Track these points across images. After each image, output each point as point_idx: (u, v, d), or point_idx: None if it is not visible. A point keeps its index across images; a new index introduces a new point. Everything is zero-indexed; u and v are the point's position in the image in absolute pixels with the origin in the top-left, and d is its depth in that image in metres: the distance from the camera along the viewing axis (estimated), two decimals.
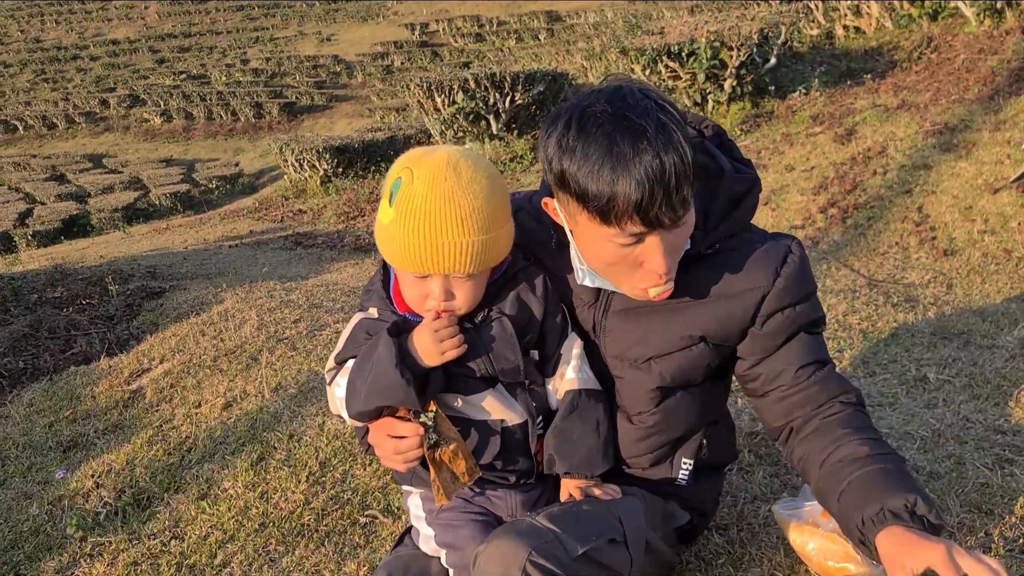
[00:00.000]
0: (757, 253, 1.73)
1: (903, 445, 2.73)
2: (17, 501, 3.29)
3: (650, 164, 1.42)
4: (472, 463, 1.69)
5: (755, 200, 1.77)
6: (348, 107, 29.98)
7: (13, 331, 5.97)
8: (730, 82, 9.38)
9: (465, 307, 1.65)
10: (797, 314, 1.75)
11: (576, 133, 1.48)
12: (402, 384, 1.57)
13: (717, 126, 1.85)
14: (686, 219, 1.54)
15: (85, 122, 31.78)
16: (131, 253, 9.82)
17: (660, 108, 1.48)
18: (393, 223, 1.55)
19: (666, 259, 1.55)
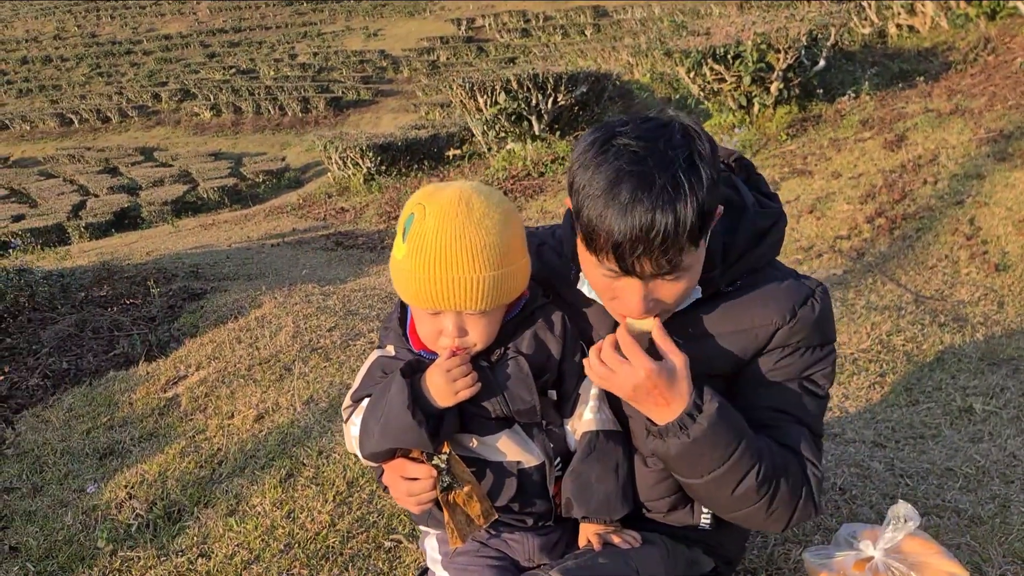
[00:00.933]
0: (778, 290, 1.67)
1: (944, 483, 2.64)
2: (53, 509, 3.34)
3: (641, 217, 1.39)
4: (487, 505, 1.66)
5: (779, 236, 1.71)
6: (393, 102, 30.15)
7: (59, 331, 6.09)
8: (776, 85, 9.20)
9: (479, 344, 1.62)
10: (802, 359, 1.67)
11: (595, 154, 1.47)
12: (414, 426, 1.54)
13: (745, 159, 1.80)
14: (680, 274, 1.50)
15: (138, 116, 32.42)
16: (176, 250, 9.97)
17: (688, 161, 1.42)
18: (406, 259, 1.54)
19: (643, 303, 1.53)
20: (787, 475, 1.62)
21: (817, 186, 7.42)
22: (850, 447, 2.96)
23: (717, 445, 1.55)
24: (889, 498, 2.56)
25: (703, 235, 1.47)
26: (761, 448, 1.61)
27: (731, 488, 1.59)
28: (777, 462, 1.62)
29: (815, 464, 1.67)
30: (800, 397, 1.69)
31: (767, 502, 1.61)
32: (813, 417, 1.71)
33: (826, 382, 1.72)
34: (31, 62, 40.79)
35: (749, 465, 1.58)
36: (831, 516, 2.45)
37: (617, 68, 17.40)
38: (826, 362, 1.71)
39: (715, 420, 1.54)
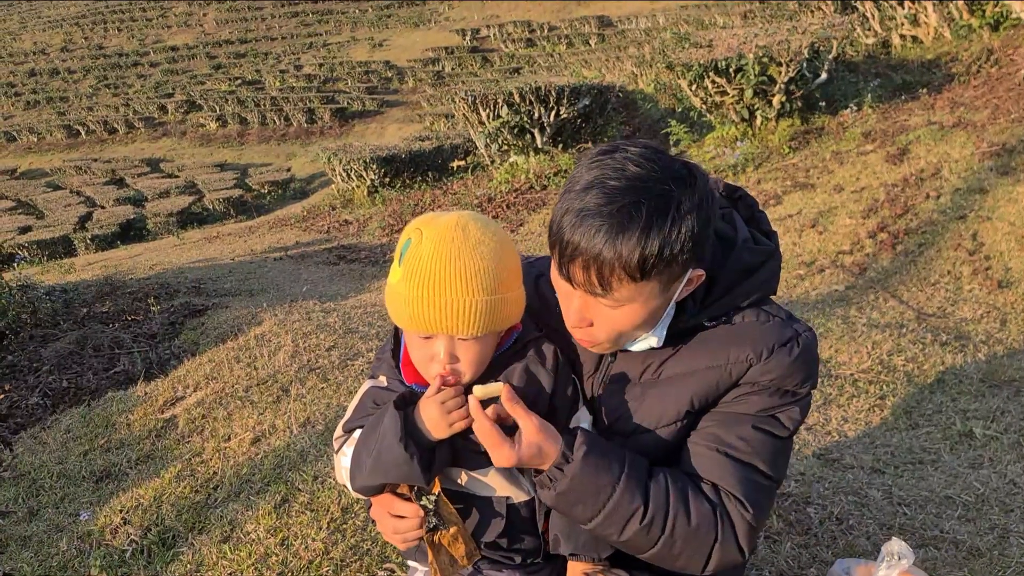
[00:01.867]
0: (759, 328, 1.64)
1: (943, 512, 2.61)
2: (48, 534, 3.33)
3: (587, 228, 1.42)
4: (472, 547, 1.65)
5: (768, 274, 1.67)
6: (399, 112, 30.22)
7: (60, 348, 6.10)
8: (779, 98, 9.19)
9: (470, 372, 1.61)
10: (767, 399, 1.63)
11: (595, 155, 1.51)
12: (407, 459, 1.53)
13: (750, 197, 1.79)
14: (617, 305, 1.50)
15: (144, 127, 32.55)
16: (179, 264, 9.98)
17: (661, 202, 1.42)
18: (401, 282, 1.55)
19: (575, 314, 1.55)
20: (689, 516, 1.58)
21: (819, 200, 7.40)
22: (848, 473, 2.93)
23: (586, 493, 1.55)
24: (887, 528, 2.53)
25: (647, 279, 1.45)
26: (649, 489, 1.58)
27: (617, 531, 1.58)
28: (675, 503, 1.58)
29: (746, 505, 1.60)
30: (751, 435, 1.63)
31: (666, 545, 1.58)
32: (763, 458, 1.63)
33: (790, 424, 1.66)
34: (38, 74, 41.01)
35: (630, 510, 1.56)
36: (827, 548, 2.42)
37: (621, 78, 17.41)
38: (796, 405, 1.66)
39: (580, 471, 1.54)
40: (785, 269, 6.38)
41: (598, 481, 1.54)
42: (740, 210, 1.75)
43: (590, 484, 1.54)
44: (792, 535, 2.51)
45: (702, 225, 1.45)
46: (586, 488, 1.54)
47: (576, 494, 1.54)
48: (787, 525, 2.57)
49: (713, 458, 1.62)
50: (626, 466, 1.57)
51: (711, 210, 1.48)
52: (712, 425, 1.65)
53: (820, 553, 2.41)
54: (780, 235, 6.89)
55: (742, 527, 1.60)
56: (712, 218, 1.49)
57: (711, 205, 1.49)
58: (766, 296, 1.70)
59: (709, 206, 1.48)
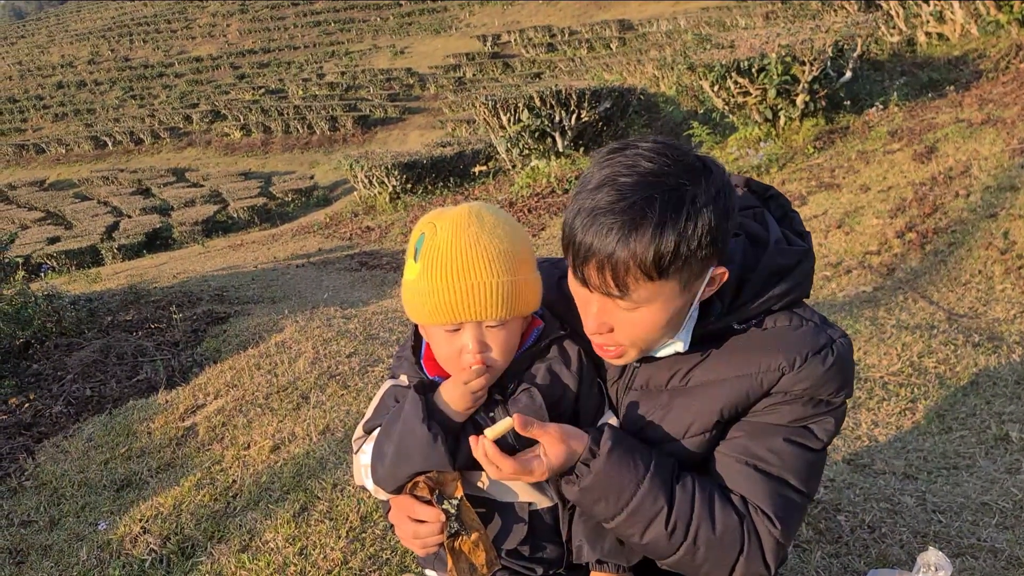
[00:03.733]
0: (792, 335, 1.55)
1: (980, 519, 2.52)
2: (69, 543, 3.32)
3: (600, 226, 1.38)
4: (493, 555, 1.60)
5: (801, 277, 1.58)
6: (420, 119, 30.31)
7: (84, 357, 6.13)
8: (803, 97, 9.07)
9: (501, 360, 1.57)
10: (800, 408, 1.55)
11: (607, 153, 1.46)
12: (429, 440, 1.49)
13: (782, 197, 1.71)
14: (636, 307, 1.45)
15: (169, 137, 32.90)
16: (203, 272, 10.03)
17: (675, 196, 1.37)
18: (420, 276, 1.52)
19: (594, 320, 1.50)
20: (714, 526, 1.52)
21: (845, 200, 7.28)
22: (880, 479, 2.85)
23: (610, 490, 1.50)
24: (921, 536, 2.45)
25: (665, 277, 1.40)
26: (674, 491, 1.52)
27: (640, 531, 1.52)
28: (700, 509, 1.52)
29: (774, 522, 1.53)
30: (783, 448, 1.56)
31: (688, 551, 1.53)
32: (795, 472, 1.57)
33: (824, 435, 1.59)
34: (66, 87, 41.61)
35: (653, 510, 1.51)
36: (859, 557, 2.34)
37: (643, 82, 17.33)
38: (830, 416, 1.59)
39: (604, 466, 1.49)
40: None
41: (622, 478, 1.49)
42: (772, 210, 1.69)
43: (615, 480, 1.49)
44: (822, 544, 2.43)
45: (720, 219, 1.39)
46: (610, 484, 1.49)
47: (600, 490, 1.50)
48: (817, 534, 2.49)
49: (742, 471, 1.56)
50: (652, 465, 1.52)
51: (729, 203, 1.42)
52: (742, 436, 1.58)
53: (852, 563, 2.33)
54: None
55: (769, 542, 1.53)
56: (731, 212, 1.43)
57: (729, 198, 1.42)
58: (799, 299, 1.62)
59: (727, 199, 1.41)
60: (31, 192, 28.22)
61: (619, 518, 1.52)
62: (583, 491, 1.51)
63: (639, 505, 1.50)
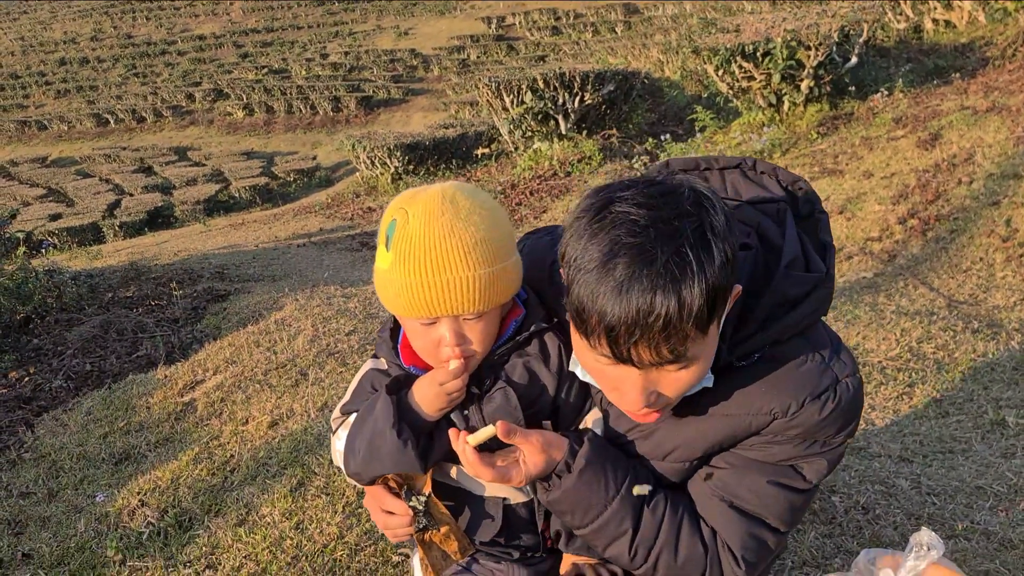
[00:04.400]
0: (794, 374, 1.40)
1: (974, 503, 2.53)
2: (67, 515, 3.33)
3: (638, 298, 1.18)
4: (465, 542, 1.60)
5: (816, 306, 1.41)
6: (424, 101, 30.19)
7: (84, 332, 6.14)
8: (807, 83, 9.03)
9: (481, 348, 1.49)
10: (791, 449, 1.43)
11: (590, 221, 1.25)
12: (399, 447, 1.47)
13: (812, 192, 1.54)
14: (686, 364, 1.28)
15: (172, 115, 32.79)
16: (204, 250, 10.04)
17: (697, 234, 1.21)
18: (393, 268, 1.43)
19: (642, 396, 1.32)
20: (676, 554, 1.47)
21: (848, 186, 7.26)
22: (875, 462, 2.85)
23: (578, 506, 1.48)
24: (915, 518, 2.46)
25: (713, 320, 1.24)
26: (642, 515, 1.48)
27: (603, 546, 1.51)
28: (664, 536, 1.47)
29: (739, 562, 1.45)
30: (764, 489, 1.45)
31: (648, 572, 1.51)
32: (774, 512, 1.46)
33: (814, 477, 1.46)
34: (69, 63, 41.45)
35: (618, 531, 1.48)
36: (852, 538, 2.35)
37: (647, 65, 17.25)
38: (823, 456, 1.46)
39: (574, 484, 1.46)
40: None
41: (591, 497, 1.45)
42: (800, 205, 1.51)
43: (583, 498, 1.45)
44: (816, 524, 2.44)
45: (728, 239, 1.25)
46: (579, 501, 1.46)
47: (568, 504, 1.47)
48: (811, 514, 2.50)
49: (717, 506, 1.47)
50: (623, 487, 1.46)
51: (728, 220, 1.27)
52: (725, 470, 1.48)
53: (845, 543, 2.33)
54: None
55: None
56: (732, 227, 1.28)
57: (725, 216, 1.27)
58: (812, 325, 1.45)
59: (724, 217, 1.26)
60: (33, 169, 28.17)
61: (583, 531, 1.51)
62: (551, 502, 1.50)
63: (603, 524, 1.47)
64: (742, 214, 1.46)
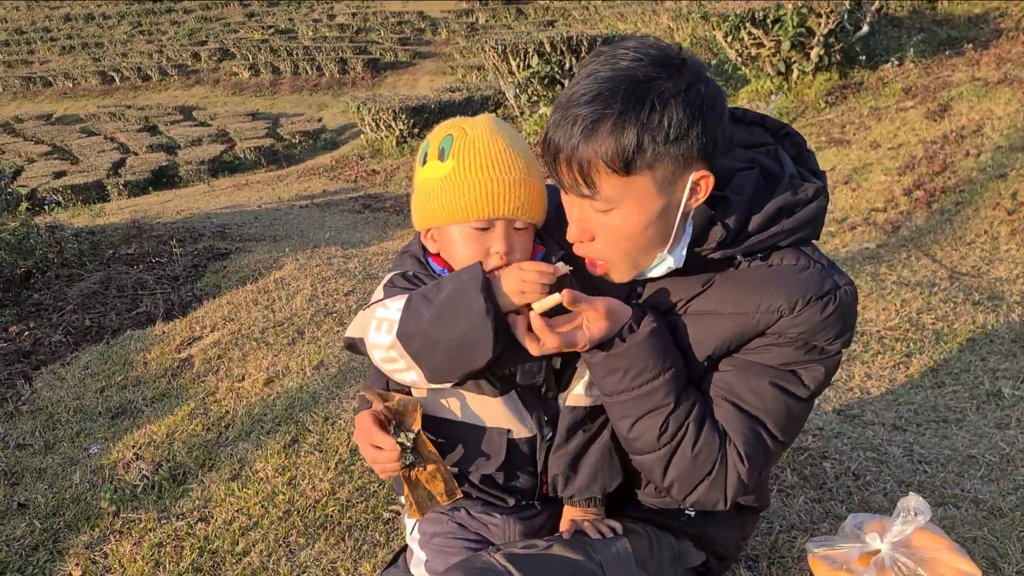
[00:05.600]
0: (796, 277, 1.52)
1: (965, 471, 2.52)
2: (63, 467, 3.35)
3: (569, 116, 1.38)
4: (452, 485, 1.60)
5: (812, 214, 1.54)
6: (431, 64, 29.91)
7: (84, 288, 6.14)
8: (817, 51, 8.90)
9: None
10: (791, 352, 1.53)
11: (594, 54, 1.46)
12: (481, 310, 1.40)
13: (798, 136, 1.69)
14: (608, 207, 1.43)
15: (177, 74, 32.54)
16: (206, 209, 10.01)
17: (649, 94, 1.35)
18: (453, 172, 1.52)
19: (575, 226, 1.52)
20: (696, 441, 1.53)
21: (854, 156, 7.19)
22: (868, 430, 2.85)
23: (632, 367, 1.50)
24: (905, 485, 2.45)
25: (632, 171, 1.38)
26: (682, 396, 1.54)
27: (635, 417, 1.54)
28: (693, 421, 1.54)
29: (743, 458, 1.54)
30: (766, 391, 1.54)
31: (665, 455, 1.55)
32: (774, 418, 1.55)
33: (812, 383, 1.56)
34: (74, 19, 41.09)
35: (659, 403, 1.52)
36: (841, 503, 2.35)
37: (657, 32, 17.03)
38: (822, 363, 1.56)
39: (639, 343, 1.50)
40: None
41: (649, 360, 1.50)
42: (787, 148, 1.65)
43: (642, 359, 1.50)
44: (806, 489, 2.44)
45: (692, 112, 1.36)
46: (636, 361, 1.50)
47: (625, 363, 1.50)
48: (802, 479, 2.50)
49: (723, 406, 1.56)
50: (677, 363, 1.54)
51: (707, 99, 1.39)
52: (729, 372, 1.58)
53: (834, 508, 2.34)
54: None
55: (733, 477, 1.55)
56: (711, 109, 1.39)
57: (708, 95, 1.39)
58: (808, 238, 1.58)
59: (704, 94, 1.39)
60: (38, 126, 28.03)
61: (625, 395, 1.52)
62: (608, 357, 1.51)
63: (651, 391, 1.51)
64: (737, 155, 1.58)
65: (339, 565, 2.43)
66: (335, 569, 2.42)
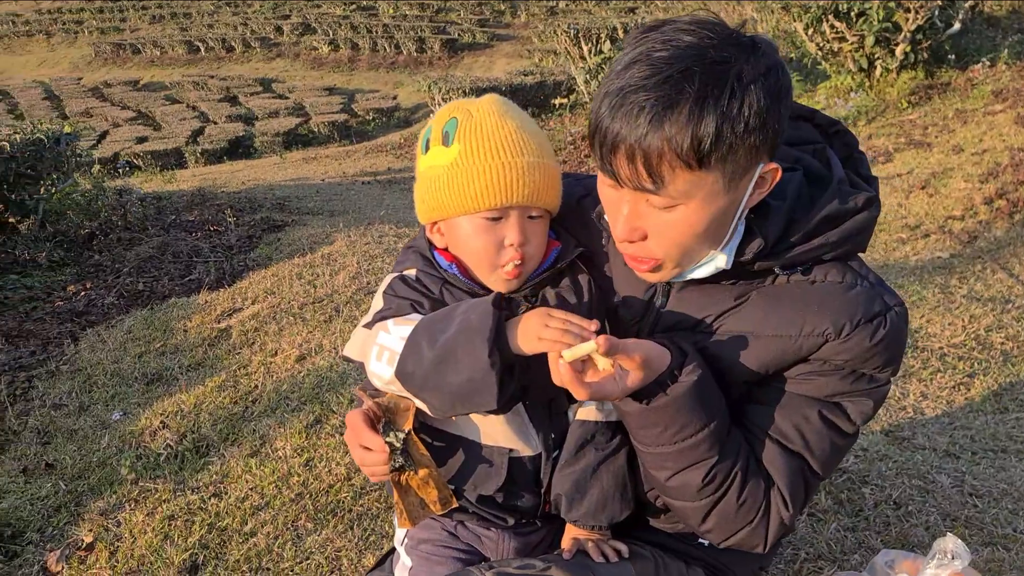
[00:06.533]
0: (843, 296, 1.35)
1: (1020, 509, 2.31)
2: (93, 429, 3.37)
3: (630, 105, 1.18)
4: (446, 493, 1.48)
5: (860, 225, 1.36)
6: (508, 47, 29.79)
7: (142, 252, 6.24)
8: (903, 47, 8.49)
9: (536, 257, 1.46)
10: (838, 382, 1.38)
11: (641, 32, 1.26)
12: (485, 364, 1.27)
13: (849, 134, 1.51)
14: (672, 204, 1.25)
15: (260, 47, 33.11)
16: (271, 181, 10.11)
17: (722, 74, 1.16)
18: (460, 158, 1.40)
19: (625, 224, 1.30)
20: (741, 492, 1.38)
21: (934, 160, 6.83)
22: (917, 455, 2.65)
23: (674, 421, 1.33)
24: (951, 519, 2.26)
25: (705, 166, 1.20)
26: (726, 447, 1.38)
27: (673, 471, 1.39)
28: (738, 473, 1.38)
29: (787, 504, 1.40)
30: (810, 426, 1.40)
31: (705, 507, 1.40)
32: (817, 455, 1.41)
33: (858, 418, 1.41)
34: None
35: (702, 458, 1.36)
36: (877, 534, 2.17)
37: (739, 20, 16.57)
38: (870, 395, 1.40)
39: (682, 395, 1.32)
40: (886, 231, 5.93)
41: (692, 414, 1.33)
42: (836, 148, 1.47)
43: (683, 414, 1.33)
44: (840, 516, 2.27)
45: (771, 100, 1.19)
46: (677, 416, 1.33)
47: (664, 418, 1.33)
48: (836, 504, 2.32)
49: (765, 445, 1.41)
50: (721, 413, 1.37)
51: (782, 85, 1.22)
52: (770, 406, 1.42)
53: (868, 539, 2.16)
54: (885, 195, 6.40)
55: (775, 522, 1.41)
56: (785, 96, 1.22)
57: (782, 79, 1.22)
58: (854, 252, 1.41)
59: (779, 79, 1.21)
60: (125, 91, 28.86)
61: (664, 449, 1.37)
62: (645, 412, 1.34)
63: (694, 445, 1.36)
64: (781, 153, 1.38)
65: (343, 555, 2.36)
66: (339, 558, 2.35)
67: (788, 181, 1.37)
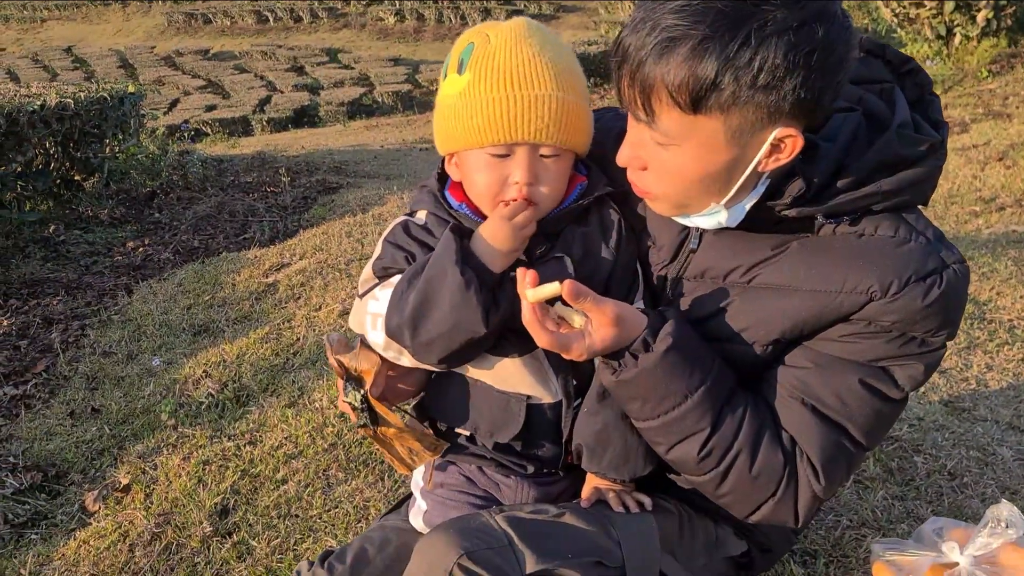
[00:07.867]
0: (893, 250, 1.22)
1: None
2: (140, 377, 3.42)
3: (642, 33, 1.12)
4: (430, 440, 1.42)
5: (920, 176, 1.23)
6: (575, 18, 29.46)
7: (199, 211, 6.33)
8: (985, 14, 8.07)
9: (549, 199, 1.35)
10: (883, 345, 1.25)
11: None
12: (460, 285, 1.24)
13: (923, 75, 1.36)
14: (665, 142, 1.19)
15: (327, 17, 33.37)
16: (330, 146, 10.15)
17: (745, 11, 1.06)
18: (470, 87, 1.31)
19: (625, 147, 1.28)
20: (753, 463, 1.27)
21: (1014, 131, 6.49)
22: (977, 426, 2.50)
23: (652, 393, 1.25)
24: (1009, 492, 2.12)
25: (700, 111, 1.12)
26: (723, 415, 1.27)
27: (668, 445, 1.30)
28: (743, 443, 1.27)
29: (819, 475, 1.27)
30: (852, 392, 1.27)
31: (714, 479, 1.29)
32: (859, 423, 1.28)
33: (907, 383, 1.29)
34: None
35: (693, 429, 1.26)
36: (928, 504, 2.04)
37: None
38: (922, 358, 1.28)
39: (654, 365, 1.23)
40: (959, 203, 5.66)
41: (671, 384, 1.24)
42: (907, 88, 1.33)
43: (661, 384, 1.24)
44: (889, 484, 2.14)
45: (795, 59, 1.06)
46: (655, 387, 1.25)
47: (641, 389, 1.26)
48: (885, 472, 2.20)
49: (797, 410, 1.29)
50: (709, 379, 1.26)
51: (822, 46, 1.08)
52: (805, 368, 1.29)
53: (918, 509, 2.03)
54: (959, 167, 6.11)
55: (806, 494, 1.30)
56: (824, 60, 1.09)
57: (824, 38, 1.08)
58: (913, 204, 1.28)
59: (820, 39, 1.07)
60: (196, 60, 29.39)
61: (650, 423, 1.29)
62: (621, 383, 1.27)
63: (679, 418, 1.27)
64: (843, 91, 1.24)
65: (371, 504, 2.33)
66: (367, 507, 2.32)
67: (844, 121, 1.25)
